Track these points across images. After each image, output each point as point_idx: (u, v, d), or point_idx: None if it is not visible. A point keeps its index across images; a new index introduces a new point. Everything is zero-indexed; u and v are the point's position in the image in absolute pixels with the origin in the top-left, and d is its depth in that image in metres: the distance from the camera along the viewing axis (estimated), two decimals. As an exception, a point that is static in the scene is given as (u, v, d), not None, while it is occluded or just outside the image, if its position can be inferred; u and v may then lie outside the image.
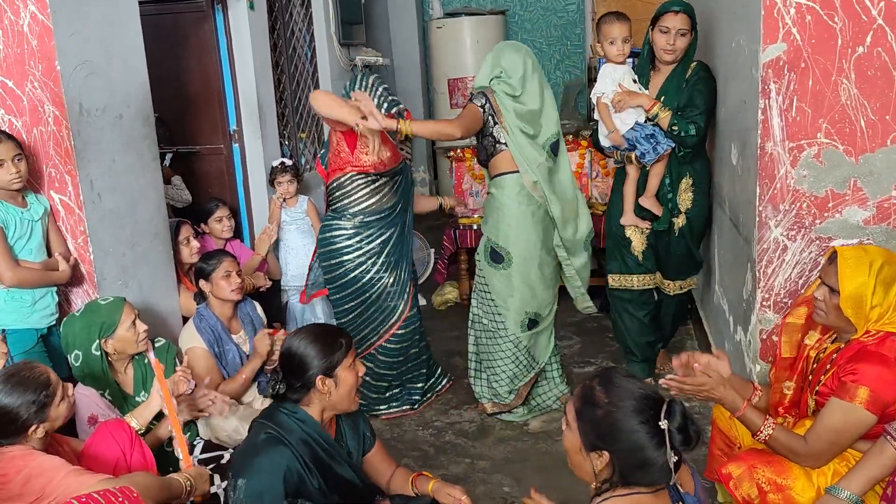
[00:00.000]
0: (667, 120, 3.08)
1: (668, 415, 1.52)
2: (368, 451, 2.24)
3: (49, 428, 1.99)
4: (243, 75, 4.33)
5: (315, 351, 2.02)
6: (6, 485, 1.90)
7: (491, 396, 3.30)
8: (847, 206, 2.44)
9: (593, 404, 1.59)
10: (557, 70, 7.63)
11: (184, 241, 3.42)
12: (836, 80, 2.37)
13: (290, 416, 2.03)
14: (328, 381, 2.01)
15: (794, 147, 2.44)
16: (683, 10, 3.04)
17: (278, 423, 2.01)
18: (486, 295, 3.20)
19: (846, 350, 2.03)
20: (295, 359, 2.02)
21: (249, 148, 4.43)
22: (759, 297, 2.57)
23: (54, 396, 1.98)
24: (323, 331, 2.10)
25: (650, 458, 1.52)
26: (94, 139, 2.76)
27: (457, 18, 6.71)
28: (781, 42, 2.38)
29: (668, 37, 3.05)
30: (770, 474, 2.01)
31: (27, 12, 2.57)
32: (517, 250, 3.08)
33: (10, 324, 2.63)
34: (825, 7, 2.32)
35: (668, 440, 1.50)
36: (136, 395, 2.63)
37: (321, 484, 1.99)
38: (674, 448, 1.50)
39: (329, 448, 2.03)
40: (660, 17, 3.09)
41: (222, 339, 3.01)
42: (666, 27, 3.05)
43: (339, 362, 2.03)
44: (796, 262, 2.52)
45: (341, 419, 2.17)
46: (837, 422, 1.93)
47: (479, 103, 3.04)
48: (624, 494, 1.54)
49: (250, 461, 1.94)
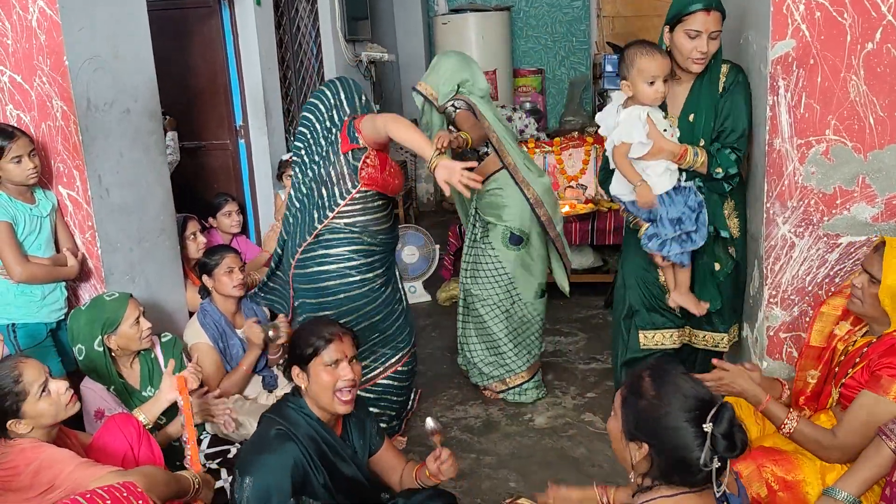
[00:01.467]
0: (705, 165, 2.48)
1: (714, 418, 1.46)
2: (376, 451, 2.24)
3: (34, 424, 1.96)
4: (249, 71, 4.34)
5: (299, 338, 2.03)
6: (16, 476, 1.91)
7: (504, 374, 3.41)
8: (855, 203, 2.44)
9: (639, 394, 1.55)
10: (562, 66, 7.63)
11: (190, 237, 3.43)
12: (846, 77, 2.36)
13: (297, 411, 2.03)
14: (301, 375, 2.02)
15: (803, 144, 2.43)
16: (716, 7, 2.42)
17: (286, 417, 2.02)
18: (502, 277, 3.34)
19: (878, 344, 2.00)
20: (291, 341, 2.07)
21: (255, 143, 4.44)
22: (767, 294, 2.57)
23: (26, 395, 1.93)
24: (320, 320, 2.10)
25: (691, 459, 1.46)
26: (101, 134, 2.77)
27: (462, 14, 6.71)
28: (790, 38, 2.37)
29: (699, 42, 2.42)
30: (779, 472, 2.00)
31: (36, 7, 2.58)
32: (535, 230, 3.34)
33: (20, 318, 2.64)
34: (834, 3, 2.32)
35: (711, 444, 1.45)
36: (143, 390, 2.64)
37: (326, 481, 1.99)
38: (717, 453, 1.45)
39: (334, 445, 2.04)
40: (684, 18, 2.44)
41: (226, 335, 3.02)
42: (695, 30, 2.42)
43: (311, 357, 2.01)
44: (804, 258, 2.52)
45: (348, 419, 2.17)
46: (869, 415, 1.90)
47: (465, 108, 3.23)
48: (670, 495, 1.50)
49: (258, 458, 1.94)
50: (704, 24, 2.41)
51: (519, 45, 7.73)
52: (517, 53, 7.64)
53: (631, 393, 1.57)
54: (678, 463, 1.48)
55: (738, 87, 2.51)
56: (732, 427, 1.46)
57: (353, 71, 5.65)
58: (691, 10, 2.42)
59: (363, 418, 2.21)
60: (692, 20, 2.42)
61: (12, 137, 2.52)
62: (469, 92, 3.28)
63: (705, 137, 2.51)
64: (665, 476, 1.51)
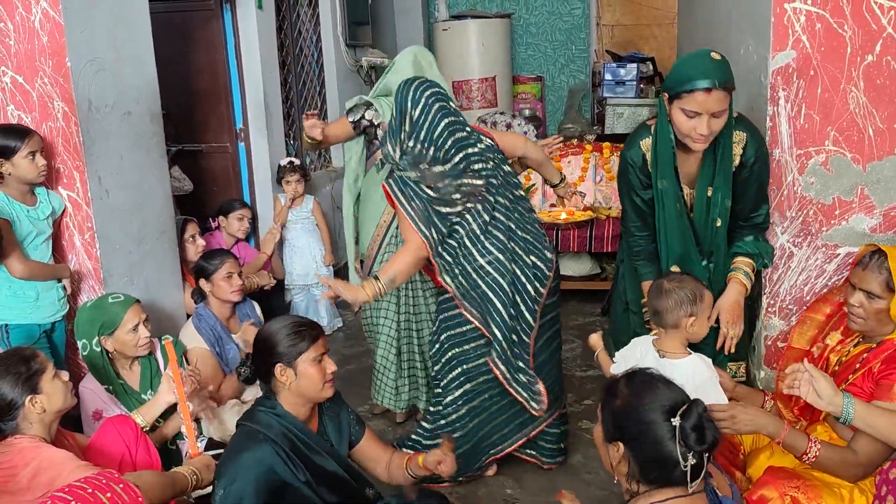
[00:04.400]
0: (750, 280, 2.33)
1: (684, 413, 1.51)
2: (357, 443, 2.24)
3: (46, 406, 1.96)
4: (250, 74, 4.34)
5: (279, 338, 2.03)
6: (14, 477, 1.89)
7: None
8: (854, 214, 2.45)
9: (614, 395, 1.60)
10: (562, 74, 7.64)
11: (189, 239, 3.42)
12: (845, 88, 2.38)
13: (267, 413, 2.04)
14: (287, 371, 2.02)
15: (802, 154, 2.44)
16: (721, 86, 2.05)
17: (257, 420, 2.03)
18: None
19: (879, 350, 1.97)
20: (262, 344, 2.05)
21: (255, 146, 4.44)
22: (765, 303, 2.58)
23: (44, 369, 1.97)
24: (295, 321, 2.10)
25: (665, 454, 1.51)
26: (102, 135, 2.77)
27: (462, 21, 6.72)
28: (791, 49, 2.39)
29: (699, 123, 2.08)
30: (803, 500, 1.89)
31: (38, 8, 2.58)
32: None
33: (13, 319, 2.64)
34: (835, 15, 2.33)
35: (681, 437, 1.49)
36: (143, 393, 2.63)
37: (307, 477, 1.99)
38: (688, 446, 1.49)
39: (307, 440, 2.04)
40: (681, 95, 2.08)
41: (223, 339, 3.01)
42: (693, 111, 2.08)
43: (299, 353, 2.02)
44: (802, 268, 2.53)
45: (323, 412, 2.17)
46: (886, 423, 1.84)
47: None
48: (662, 500, 1.53)
49: (227, 468, 1.96)
50: (704, 106, 2.05)
51: (519, 52, 7.75)
52: (517, 60, 7.66)
53: (609, 395, 1.63)
54: (653, 460, 1.52)
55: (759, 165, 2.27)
56: (702, 421, 1.51)
57: (353, 76, 5.66)
58: (688, 88, 2.06)
59: (338, 411, 2.21)
60: (690, 100, 2.07)
61: (29, 134, 2.58)
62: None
63: (722, 217, 2.30)
64: (644, 475, 1.54)
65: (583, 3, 7.64)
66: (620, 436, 1.57)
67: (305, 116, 2.99)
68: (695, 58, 2.14)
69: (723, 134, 2.17)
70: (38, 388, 1.96)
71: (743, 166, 2.25)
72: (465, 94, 6.72)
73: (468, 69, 6.66)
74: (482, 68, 6.67)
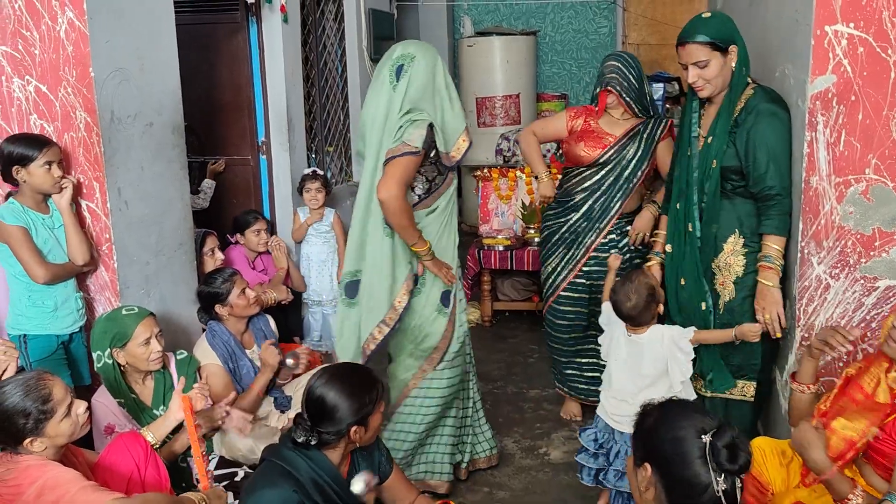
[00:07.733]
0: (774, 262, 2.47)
1: (716, 434, 1.45)
2: (385, 479, 2.18)
3: (49, 444, 1.91)
4: (274, 87, 4.33)
5: (350, 402, 1.94)
6: (19, 496, 1.85)
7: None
8: (895, 246, 2.35)
9: (646, 415, 1.59)
10: (586, 92, 7.59)
11: (208, 253, 3.38)
12: (888, 115, 2.29)
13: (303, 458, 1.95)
14: (360, 429, 1.96)
15: (841, 182, 2.35)
16: (691, 41, 2.49)
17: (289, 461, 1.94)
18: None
19: None
20: (326, 408, 1.94)
21: (277, 160, 4.42)
22: (798, 336, 2.48)
23: (53, 414, 1.90)
24: (355, 378, 2.01)
25: (695, 475, 1.43)
26: (123, 146, 2.75)
27: (487, 38, 6.70)
28: (831, 74, 2.30)
29: (690, 73, 2.54)
30: None
31: (64, 18, 2.57)
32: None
33: (31, 329, 2.62)
34: (879, 39, 2.25)
35: (711, 455, 1.42)
36: (155, 409, 2.59)
37: None
38: (719, 466, 1.42)
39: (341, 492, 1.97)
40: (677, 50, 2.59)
41: (236, 355, 2.95)
42: (682, 63, 2.57)
43: (373, 411, 1.98)
44: (839, 301, 2.42)
45: (356, 452, 2.11)
46: None
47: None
48: None
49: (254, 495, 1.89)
50: (685, 58, 2.54)
51: (543, 70, 7.72)
52: (541, 78, 7.62)
53: (641, 417, 1.60)
54: (681, 481, 1.45)
55: (756, 119, 2.44)
56: (735, 440, 1.44)
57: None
58: (676, 45, 2.58)
59: (371, 448, 2.15)
60: (678, 54, 2.58)
61: (48, 144, 2.57)
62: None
63: (717, 159, 2.54)
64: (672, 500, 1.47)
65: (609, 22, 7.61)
66: (649, 456, 1.51)
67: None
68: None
69: (731, 90, 2.52)
70: (43, 432, 1.90)
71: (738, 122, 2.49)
72: (489, 111, 6.68)
73: (492, 86, 6.62)
74: (506, 85, 6.64)
